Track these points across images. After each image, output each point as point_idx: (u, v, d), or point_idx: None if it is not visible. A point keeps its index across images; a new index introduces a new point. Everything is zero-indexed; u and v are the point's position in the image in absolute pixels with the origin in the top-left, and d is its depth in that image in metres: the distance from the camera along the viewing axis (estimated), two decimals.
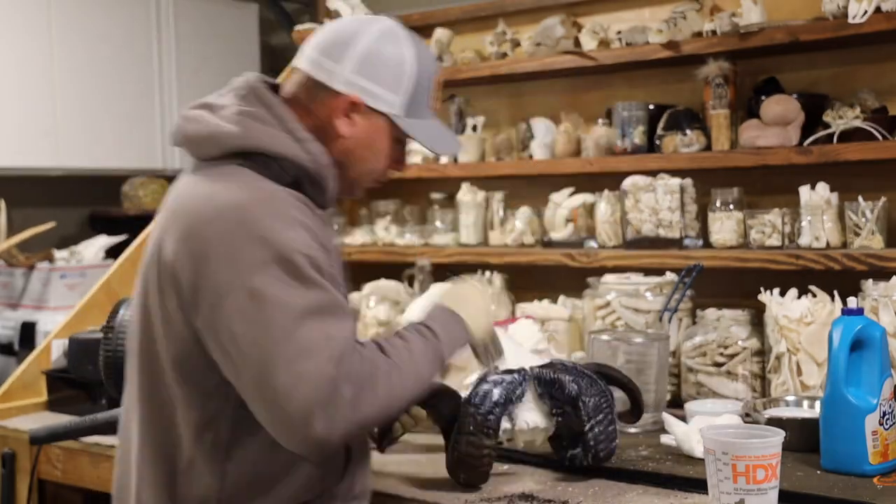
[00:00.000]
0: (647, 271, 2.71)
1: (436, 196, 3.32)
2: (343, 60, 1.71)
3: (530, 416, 2.00)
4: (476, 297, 1.86)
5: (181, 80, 4.70)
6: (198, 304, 1.57)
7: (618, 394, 2.09)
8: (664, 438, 2.21)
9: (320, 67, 1.72)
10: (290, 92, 1.74)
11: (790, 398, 2.31)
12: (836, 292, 2.38)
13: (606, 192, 2.87)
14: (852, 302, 2.03)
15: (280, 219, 1.57)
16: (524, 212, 3.06)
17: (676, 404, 2.49)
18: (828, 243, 2.47)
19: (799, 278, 2.49)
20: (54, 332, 2.93)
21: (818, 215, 2.48)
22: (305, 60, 1.74)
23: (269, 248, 1.54)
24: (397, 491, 2.04)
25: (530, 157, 3.06)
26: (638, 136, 2.82)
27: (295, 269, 1.54)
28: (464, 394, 1.99)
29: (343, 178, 1.75)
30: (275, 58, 3.95)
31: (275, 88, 1.75)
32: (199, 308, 1.57)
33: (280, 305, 1.52)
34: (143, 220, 3.49)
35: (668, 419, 2.20)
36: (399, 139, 1.77)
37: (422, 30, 3.38)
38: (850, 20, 2.38)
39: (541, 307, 2.84)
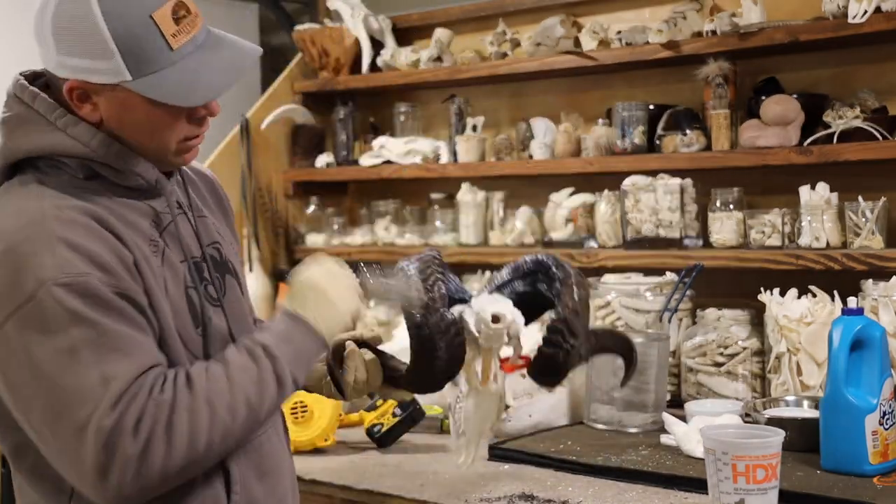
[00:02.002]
0: (647, 271, 2.71)
1: (436, 196, 3.32)
2: (46, 41, 1.44)
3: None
4: (329, 283, 1.56)
5: None
6: None
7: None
8: (664, 438, 2.21)
9: (42, 56, 1.48)
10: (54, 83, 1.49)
11: (790, 398, 2.31)
12: (836, 292, 2.38)
13: (606, 192, 2.87)
14: (852, 302, 2.04)
15: (40, 245, 1.36)
16: (524, 212, 3.06)
17: (676, 404, 2.49)
18: (828, 243, 2.47)
19: (799, 278, 2.49)
20: None
21: (818, 215, 2.48)
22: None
23: (21, 285, 1.34)
24: (397, 491, 2.04)
25: (530, 157, 3.06)
26: (638, 136, 2.82)
27: (53, 306, 1.32)
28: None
29: (145, 155, 1.50)
30: (275, 58, 3.95)
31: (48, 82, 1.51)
32: None
33: (42, 350, 1.32)
34: None
35: (668, 419, 2.20)
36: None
37: (422, 30, 3.40)
38: (850, 20, 2.38)
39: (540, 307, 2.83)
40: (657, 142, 2.79)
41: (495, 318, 1.66)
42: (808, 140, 2.51)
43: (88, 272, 1.36)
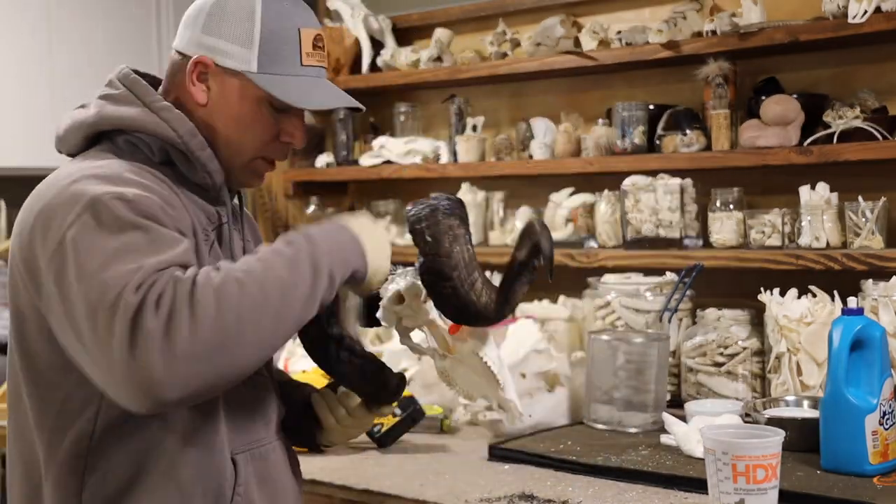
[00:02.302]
0: (647, 271, 2.71)
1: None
2: (195, 24, 1.55)
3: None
4: (380, 231, 1.56)
5: None
6: (34, 280, 1.41)
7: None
8: (664, 438, 2.21)
9: (180, 38, 1.58)
10: (165, 75, 1.61)
11: (790, 398, 2.31)
12: (836, 292, 2.38)
13: (606, 192, 2.87)
14: (852, 302, 2.04)
15: (105, 177, 1.42)
16: (524, 212, 3.06)
17: (676, 404, 2.49)
18: (828, 243, 2.47)
19: (799, 278, 2.49)
20: None
21: (818, 215, 2.48)
22: (176, 37, 1.61)
23: (82, 200, 1.38)
24: (397, 491, 2.04)
25: (530, 157, 3.06)
26: (638, 136, 2.82)
27: (108, 212, 1.36)
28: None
29: (221, 160, 1.56)
30: None
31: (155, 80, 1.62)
32: (35, 284, 1.42)
33: (93, 251, 1.34)
34: None
35: (668, 419, 2.20)
36: (272, 103, 1.54)
37: (422, 30, 3.39)
38: (850, 20, 2.38)
39: (541, 307, 2.84)
40: (657, 142, 2.79)
41: (399, 298, 1.57)
42: (808, 140, 2.51)
43: (154, 198, 1.41)
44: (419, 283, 1.55)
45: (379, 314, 1.59)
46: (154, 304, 1.29)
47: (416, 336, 1.63)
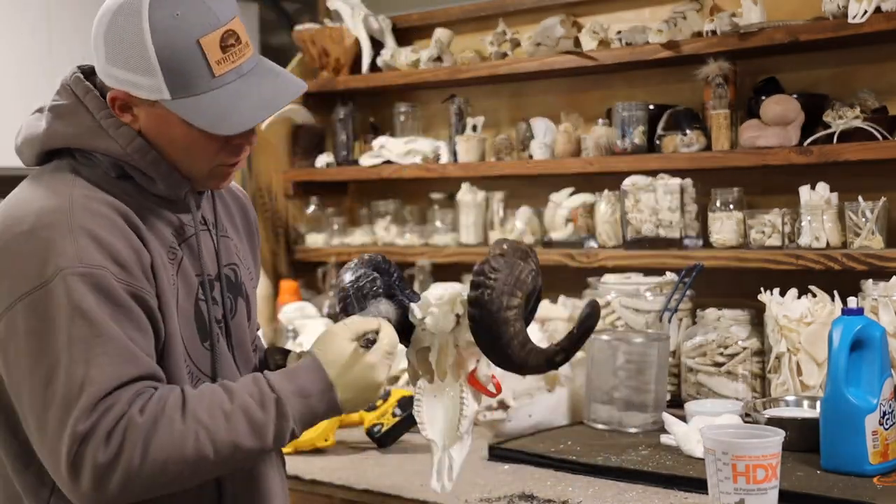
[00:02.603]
0: (647, 271, 2.71)
1: (436, 196, 3.32)
2: (98, 53, 1.47)
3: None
4: (379, 367, 1.49)
5: None
6: None
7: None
8: (664, 438, 2.21)
9: (95, 60, 1.50)
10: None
11: (790, 398, 2.31)
12: (836, 292, 2.38)
13: (606, 192, 2.86)
14: (852, 302, 2.03)
15: (63, 232, 1.38)
16: (524, 212, 3.06)
17: (676, 404, 2.49)
18: (828, 243, 2.47)
19: (799, 278, 2.49)
20: None
21: (818, 215, 2.48)
22: None
23: (38, 270, 1.36)
24: (397, 491, 2.04)
25: (530, 157, 3.06)
26: (638, 136, 2.82)
27: (61, 295, 1.35)
28: None
29: (180, 171, 1.52)
30: (275, 58, 3.95)
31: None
32: None
33: (45, 340, 1.35)
34: None
35: (668, 419, 2.20)
36: None
37: (422, 30, 3.40)
38: (850, 20, 2.38)
39: (541, 307, 2.83)
40: (657, 142, 2.79)
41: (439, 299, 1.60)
42: (808, 140, 2.51)
43: (105, 266, 1.38)
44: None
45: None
46: (104, 437, 1.32)
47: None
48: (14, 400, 1.40)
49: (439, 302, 1.59)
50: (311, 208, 3.53)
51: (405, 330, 1.61)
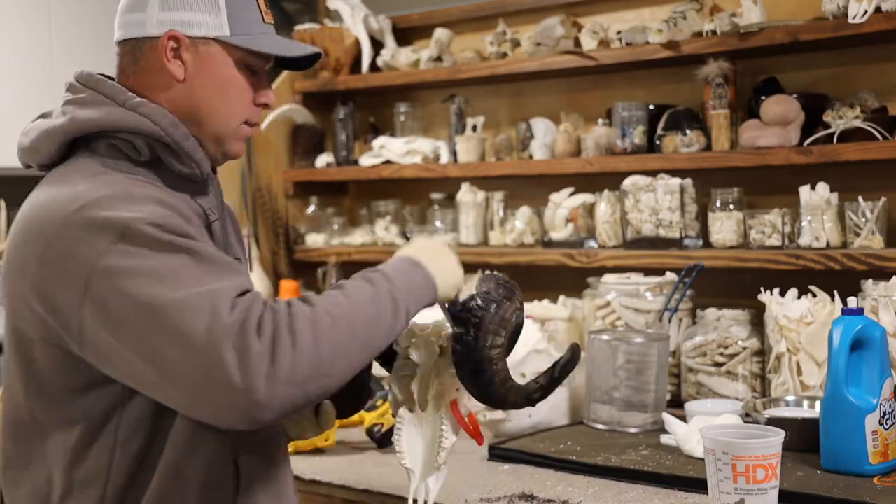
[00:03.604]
0: (647, 271, 2.71)
1: (436, 196, 3.32)
2: (146, 5, 1.54)
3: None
4: (445, 252, 1.59)
5: None
6: (59, 318, 1.39)
7: None
8: (664, 438, 2.21)
9: (130, 26, 1.57)
10: (117, 71, 1.60)
11: (790, 398, 2.31)
12: (836, 292, 2.38)
13: (606, 192, 2.87)
14: (852, 302, 2.03)
15: (118, 199, 1.40)
16: (524, 212, 3.06)
17: (676, 404, 2.49)
18: (828, 243, 2.47)
19: (799, 278, 2.49)
20: None
21: (818, 215, 2.48)
22: (116, 31, 1.61)
23: (107, 229, 1.36)
24: (397, 491, 2.04)
25: (530, 157, 3.06)
26: (638, 136, 2.82)
27: (146, 238, 1.35)
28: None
29: (206, 136, 1.56)
30: None
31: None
32: (62, 324, 1.38)
33: (146, 278, 1.33)
34: None
35: (668, 419, 2.20)
36: (246, 65, 1.57)
37: (422, 30, 3.40)
38: (850, 20, 2.38)
39: (541, 307, 2.84)
40: (657, 142, 2.79)
41: (422, 328, 1.61)
42: (808, 140, 2.51)
43: (176, 216, 1.41)
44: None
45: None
46: (255, 328, 1.31)
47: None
48: (126, 362, 1.36)
49: (423, 333, 1.59)
50: (311, 208, 3.53)
51: (389, 357, 1.61)
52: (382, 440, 2.36)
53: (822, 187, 2.50)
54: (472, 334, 1.53)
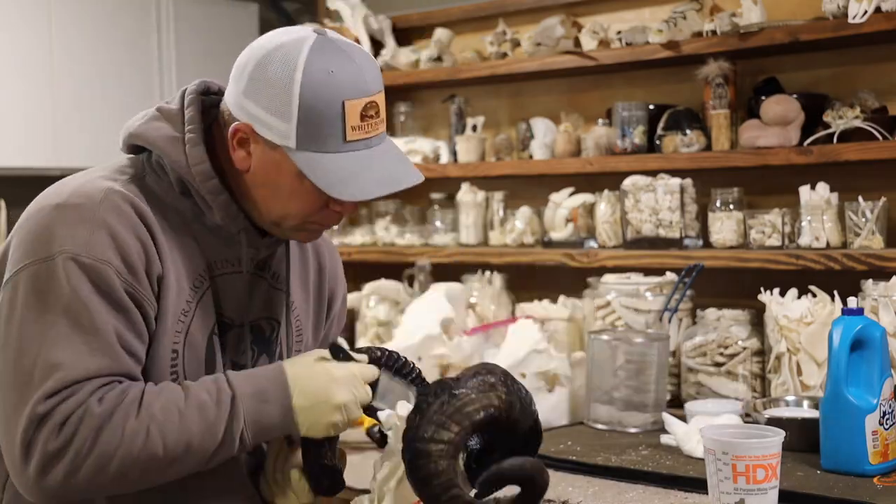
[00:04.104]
0: (647, 271, 2.71)
1: (436, 196, 3.32)
2: (238, 82, 1.48)
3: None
4: (332, 388, 1.46)
5: (181, 80, 4.69)
6: None
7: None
8: (664, 438, 2.21)
9: (227, 91, 1.52)
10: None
11: (790, 398, 2.31)
12: (836, 292, 2.38)
13: (606, 192, 2.87)
14: (852, 302, 2.03)
15: (80, 217, 1.40)
16: (524, 212, 3.06)
17: (676, 404, 2.49)
18: (828, 243, 2.47)
19: (799, 278, 2.49)
20: None
21: (818, 215, 2.48)
22: None
23: (48, 244, 1.39)
24: None
25: (530, 157, 3.06)
26: (638, 136, 2.82)
27: (62, 275, 1.36)
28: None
29: (259, 216, 1.53)
30: None
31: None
32: None
33: (28, 314, 1.37)
34: None
35: (668, 419, 2.20)
36: None
37: (422, 30, 3.39)
38: (850, 20, 2.38)
39: (541, 307, 2.84)
40: (657, 142, 2.79)
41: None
42: (808, 140, 2.51)
43: (110, 262, 1.39)
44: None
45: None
46: (58, 424, 1.33)
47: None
48: None
49: (400, 419, 1.46)
50: None
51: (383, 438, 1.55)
52: (382, 440, 2.36)
53: (822, 187, 2.50)
54: (415, 422, 1.36)
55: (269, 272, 1.61)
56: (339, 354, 1.52)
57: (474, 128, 3.22)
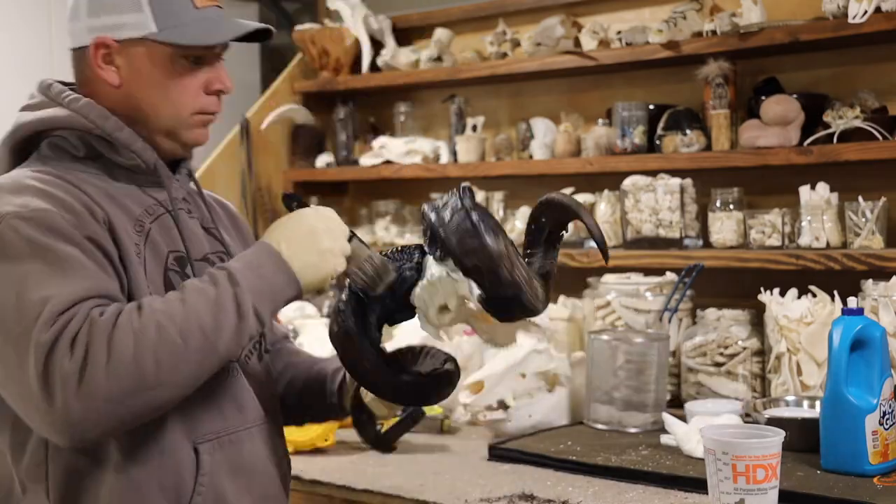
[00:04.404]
0: (647, 271, 2.71)
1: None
2: (78, 14, 1.55)
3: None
4: (316, 232, 1.49)
5: None
6: None
7: None
8: (664, 438, 2.21)
9: (71, 36, 1.58)
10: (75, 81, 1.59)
11: (790, 398, 2.31)
12: (836, 292, 2.38)
13: (606, 192, 2.87)
14: (852, 302, 2.03)
15: (10, 190, 1.42)
16: (524, 212, 3.06)
17: (676, 404, 2.49)
18: (828, 243, 2.47)
19: (799, 278, 2.49)
20: None
21: (818, 215, 2.48)
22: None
23: None
24: (397, 491, 2.04)
25: (530, 157, 3.06)
26: (638, 136, 2.82)
27: (9, 233, 1.36)
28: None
29: (154, 131, 1.54)
30: (275, 58, 3.95)
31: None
32: None
33: None
34: None
35: (668, 419, 2.20)
36: (185, 57, 1.52)
37: (422, 30, 3.40)
38: (850, 20, 2.38)
39: None
40: (657, 142, 2.79)
41: (443, 308, 1.58)
42: (808, 140, 2.51)
43: (52, 209, 1.39)
44: (449, 277, 1.53)
45: (422, 326, 1.57)
46: (68, 344, 1.29)
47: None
48: None
49: (444, 317, 1.57)
50: None
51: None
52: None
53: (822, 187, 2.50)
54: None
55: (190, 206, 1.62)
56: (291, 204, 1.55)
57: (474, 128, 3.22)
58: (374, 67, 3.42)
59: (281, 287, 1.45)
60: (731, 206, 2.66)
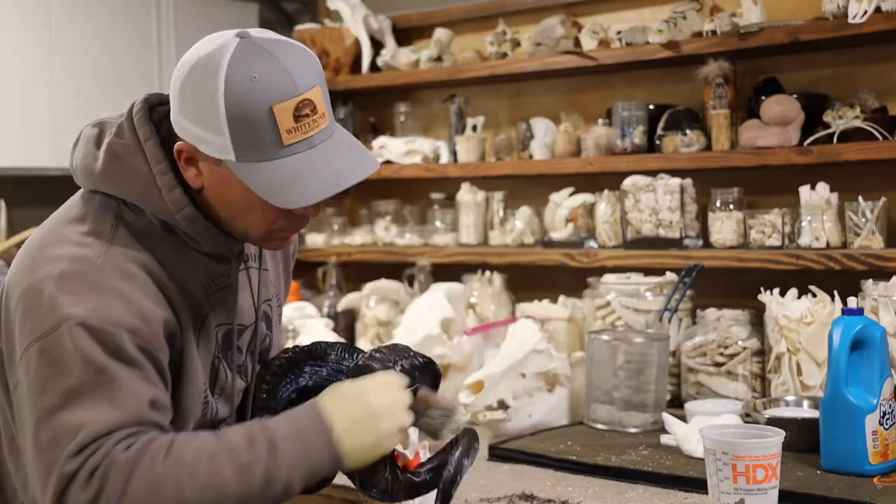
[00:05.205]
0: (647, 271, 2.71)
1: (436, 196, 3.32)
2: (174, 98, 1.44)
3: None
4: (378, 412, 1.45)
5: None
6: (10, 349, 1.44)
7: None
8: (664, 438, 2.21)
9: (171, 105, 1.47)
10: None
11: (790, 398, 2.31)
12: (836, 292, 2.38)
13: (606, 192, 2.87)
14: (852, 302, 2.03)
15: (84, 285, 1.38)
16: (524, 212, 3.06)
17: (676, 404, 2.49)
18: (828, 243, 2.47)
19: (799, 278, 2.49)
20: None
21: (818, 215, 2.48)
22: None
23: (50, 318, 1.36)
24: None
25: (530, 157, 3.07)
26: (638, 136, 2.82)
27: (70, 343, 1.34)
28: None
29: (235, 230, 1.50)
30: None
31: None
32: (9, 352, 1.45)
33: (47, 386, 1.35)
34: None
35: (668, 419, 2.20)
36: None
37: (422, 30, 3.40)
38: (850, 20, 2.38)
39: (541, 307, 2.84)
40: (657, 142, 2.79)
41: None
42: (808, 140, 2.51)
43: (121, 322, 1.37)
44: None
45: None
46: (86, 478, 1.32)
47: None
48: (18, 436, 1.44)
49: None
50: None
51: None
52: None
53: (822, 187, 2.50)
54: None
55: (248, 259, 1.62)
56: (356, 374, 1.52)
57: (474, 128, 3.22)
58: (374, 67, 3.42)
59: (322, 465, 1.42)
60: (731, 206, 2.66)
